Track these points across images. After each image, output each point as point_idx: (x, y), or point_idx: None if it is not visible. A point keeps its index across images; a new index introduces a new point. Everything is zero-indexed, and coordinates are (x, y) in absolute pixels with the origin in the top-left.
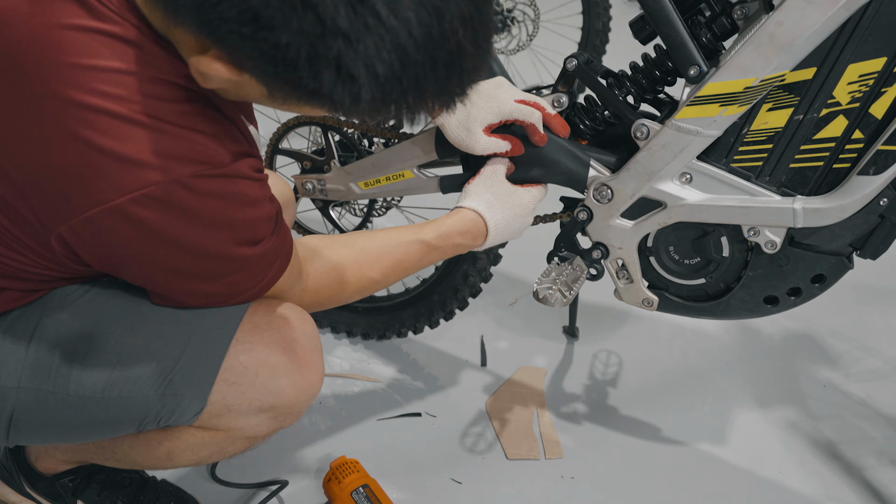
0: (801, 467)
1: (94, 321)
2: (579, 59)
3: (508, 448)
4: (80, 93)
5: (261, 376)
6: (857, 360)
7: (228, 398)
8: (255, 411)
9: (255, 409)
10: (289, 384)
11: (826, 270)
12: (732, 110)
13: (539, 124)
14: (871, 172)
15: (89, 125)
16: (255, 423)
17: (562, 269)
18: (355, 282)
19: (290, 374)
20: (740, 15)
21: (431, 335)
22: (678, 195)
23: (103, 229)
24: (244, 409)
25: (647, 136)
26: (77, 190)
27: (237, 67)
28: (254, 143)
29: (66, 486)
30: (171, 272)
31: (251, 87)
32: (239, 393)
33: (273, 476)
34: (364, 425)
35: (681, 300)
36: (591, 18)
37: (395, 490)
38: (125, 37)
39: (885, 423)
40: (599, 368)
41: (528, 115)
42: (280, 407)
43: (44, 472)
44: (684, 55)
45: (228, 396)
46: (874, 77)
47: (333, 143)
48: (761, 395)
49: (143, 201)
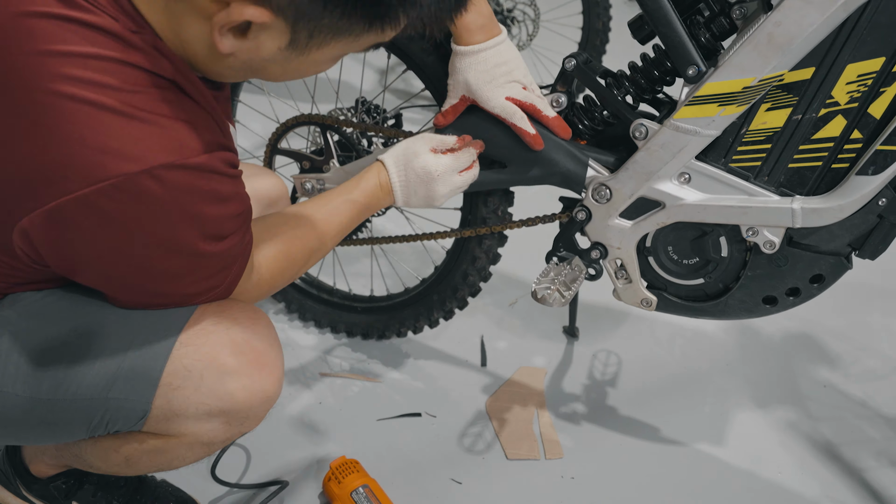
0: (801, 468)
1: (43, 322)
2: (578, 59)
3: (508, 448)
4: (48, 80)
5: (206, 379)
6: (857, 360)
7: (174, 403)
8: (204, 416)
9: (204, 414)
10: (238, 387)
11: (825, 270)
12: (731, 110)
13: (522, 124)
14: (869, 172)
15: (58, 113)
16: (207, 429)
17: (560, 269)
18: (301, 256)
19: (239, 377)
20: (739, 15)
21: (431, 335)
22: (677, 195)
23: (67, 221)
24: (192, 414)
25: (645, 136)
26: (43, 181)
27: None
28: (230, 137)
29: (60, 489)
30: (133, 268)
31: (270, 41)
32: (184, 397)
33: (273, 476)
34: (364, 425)
35: (679, 300)
36: (591, 18)
37: (395, 490)
38: (100, 25)
39: (885, 424)
40: (599, 368)
41: (510, 114)
42: (232, 411)
43: (37, 475)
44: (683, 55)
45: (174, 401)
46: (873, 77)
47: (332, 142)
48: (761, 396)
49: (109, 192)
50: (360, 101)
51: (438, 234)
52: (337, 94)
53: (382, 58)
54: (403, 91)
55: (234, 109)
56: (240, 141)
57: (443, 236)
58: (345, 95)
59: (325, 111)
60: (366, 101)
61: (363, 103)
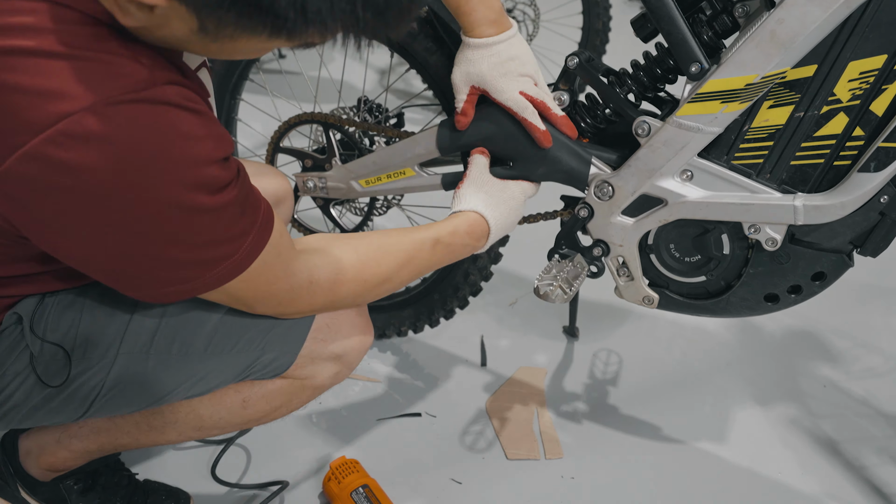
0: (802, 466)
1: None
2: (581, 57)
3: (508, 448)
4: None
5: (339, 332)
6: (858, 358)
7: (313, 351)
8: (330, 360)
9: (329, 359)
10: (357, 340)
11: (826, 268)
12: (733, 107)
13: (533, 120)
14: (871, 169)
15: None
16: (326, 372)
17: (563, 266)
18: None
19: (359, 333)
20: (741, 13)
21: (431, 335)
22: (679, 192)
23: (27, 182)
24: (323, 358)
25: (648, 133)
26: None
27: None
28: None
29: (71, 489)
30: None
31: (178, 21)
32: (321, 347)
33: (273, 477)
34: (364, 425)
35: (681, 298)
36: (591, 18)
37: (395, 490)
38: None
39: (886, 422)
40: (599, 368)
41: (521, 108)
42: (345, 356)
43: (41, 477)
44: (686, 52)
45: (314, 351)
46: (875, 74)
47: (335, 141)
48: (761, 394)
49: (58, 139)
50: (363, 101)
51: None
52: (339, 93)
53: (385, 57)
54: (405, 91)
55: (236, 108)
56: (241, 140)
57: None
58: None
59: (328, 110)
60: (368, 100)
61: (365, 102)
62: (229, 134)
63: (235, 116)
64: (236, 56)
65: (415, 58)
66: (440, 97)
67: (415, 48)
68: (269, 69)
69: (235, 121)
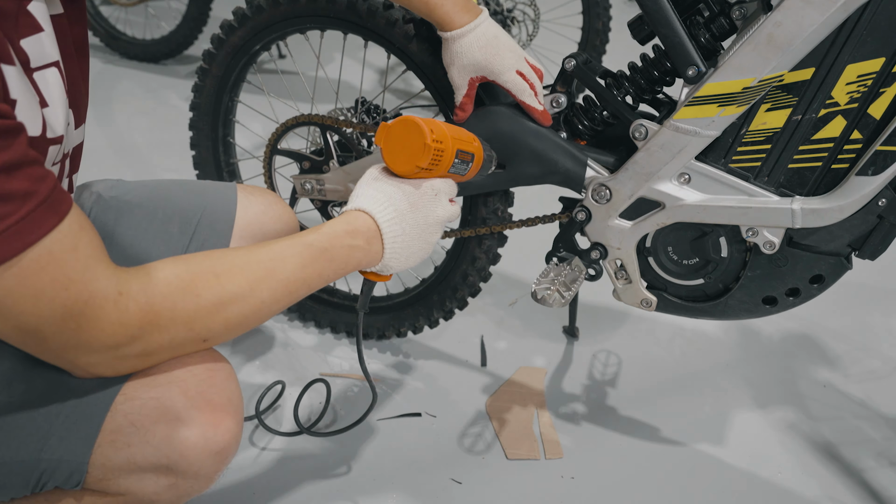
0: (800, 468)
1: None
2: (578, 59)
3: (508, 448)
4: None
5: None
6: (857, 360)
7: (114, 459)
8: (150, 472)
9: (149, 470)
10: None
11: (825, 271)
12: (731, 110)
13: (530, 101)
14: (869, 173)
15: None
16: (151, 488)
17: (560, 270)
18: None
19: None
20: (739, 15)
21: (431, 335)
22: (676, 195)
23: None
24: (136, 469)
25: (645, 137)
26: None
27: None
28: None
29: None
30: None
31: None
32: (127, 454)
33: (272, 478)
34: (364, 425)
35: (679, 301)
36: (591, 18)
37: (395, 490)
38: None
39: (885, 424)
40: (599, 368)
41: (520, 90)
42: (179, 467)
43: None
44: (682, 55)
45: (114, 458)
46: (872, 77)
47: (332, 143)
48: (761, 396)
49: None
50: (360, 102)
51: None
52: (337, 94)
53: (382, 58)
54: (403, 91)
55: (234, 109)
56: (239, 141)
57: (443, 236)
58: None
59: (325, 111)
60: (366, 101)
61: (363, 103)
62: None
63: (233, 118)
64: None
65: (411, 59)
66: (438, 97)
67: (411, 49)
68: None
69: (233, 122)
